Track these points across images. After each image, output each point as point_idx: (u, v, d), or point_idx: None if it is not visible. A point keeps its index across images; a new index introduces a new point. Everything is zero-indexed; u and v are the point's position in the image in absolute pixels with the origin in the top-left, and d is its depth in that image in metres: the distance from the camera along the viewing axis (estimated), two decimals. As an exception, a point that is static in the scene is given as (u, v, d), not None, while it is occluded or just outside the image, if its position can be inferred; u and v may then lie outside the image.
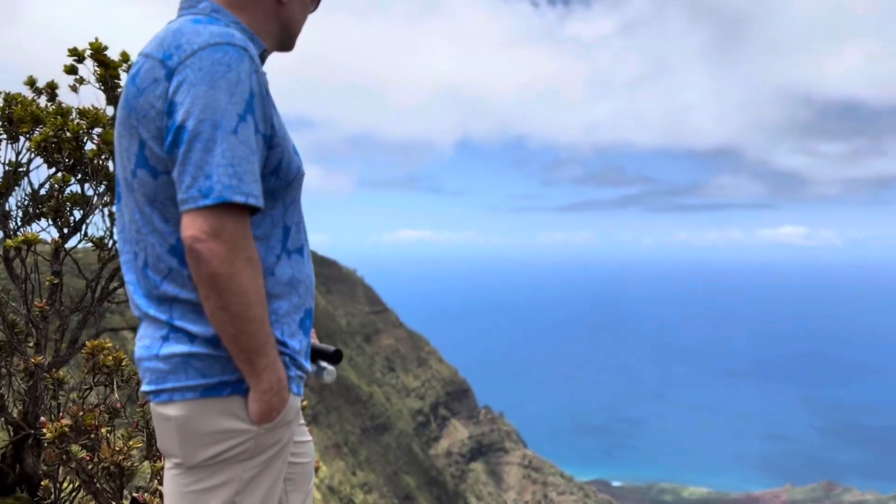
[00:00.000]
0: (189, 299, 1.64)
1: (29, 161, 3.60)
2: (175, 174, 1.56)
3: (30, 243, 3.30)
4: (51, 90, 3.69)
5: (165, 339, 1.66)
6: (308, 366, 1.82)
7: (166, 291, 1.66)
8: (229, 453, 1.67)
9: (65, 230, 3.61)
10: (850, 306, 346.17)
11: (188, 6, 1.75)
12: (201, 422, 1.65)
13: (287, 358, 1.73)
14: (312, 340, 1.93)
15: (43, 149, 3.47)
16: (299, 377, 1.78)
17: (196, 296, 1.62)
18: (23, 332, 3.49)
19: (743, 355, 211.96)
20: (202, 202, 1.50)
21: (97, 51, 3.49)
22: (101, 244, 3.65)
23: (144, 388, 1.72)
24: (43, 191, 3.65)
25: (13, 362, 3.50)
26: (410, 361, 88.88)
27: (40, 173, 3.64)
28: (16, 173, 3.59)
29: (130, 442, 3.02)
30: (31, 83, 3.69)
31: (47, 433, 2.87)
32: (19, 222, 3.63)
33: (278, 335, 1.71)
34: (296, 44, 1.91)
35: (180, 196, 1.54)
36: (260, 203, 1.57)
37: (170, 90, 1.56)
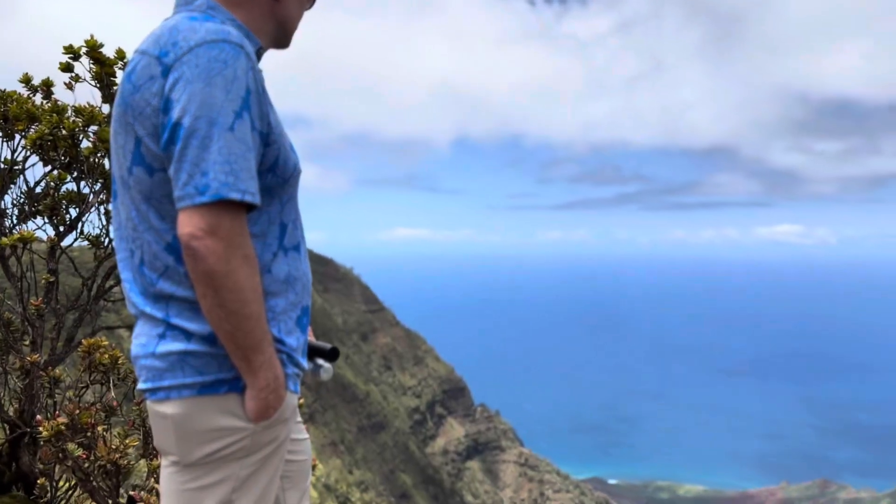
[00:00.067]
0: (185, 297, 1.64)
1: (24, 159, 3.60)
2: (171, 171, 1.55)
3: (26, 241, 3.30)
4: (46, 88, 3.68)
5: (162, 337, 1.66)
6: (305, 363, 1.82)
7: (163, 289, 1.66)
8: (226, 451, 1.67)
9: (61, 228, 3.60)
10: (847, 305, 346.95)
11: (184, 3, 1.75)
12: (198, 419, 1.65)
13: (284, 355, 1.72)
14: (309, 338, 1.93)
15: (38, 146, 3.47)
16: (296, 375, 1.78)
17: (192, 293, 1.62)
18: (19, 331, 3.49)
19: (739, 354, 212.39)
20: (199, 199, 1.50)
21: (93, 48, 3.49)
22: (97, 242, 3.64)
23: (141, 386, 1.71)
24: (39, 189, 3.64)
25: (9, 360, 3.50)
26: (407, 360, 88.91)
27: (36, 171, 3.64)
28: (11, 171, 3.58)
29: (127, 440, 3.02)
30: (27, 81, 3.68)
31: (43, 431, 2.87)
32: (15, 220, 3.62)
33: (275, 333, 1.70)
34: (292, 41, 1.91)
35: (177, 193, 1.53)
36: (257, 200, 1.56)
37: (166, 87, 1.56)
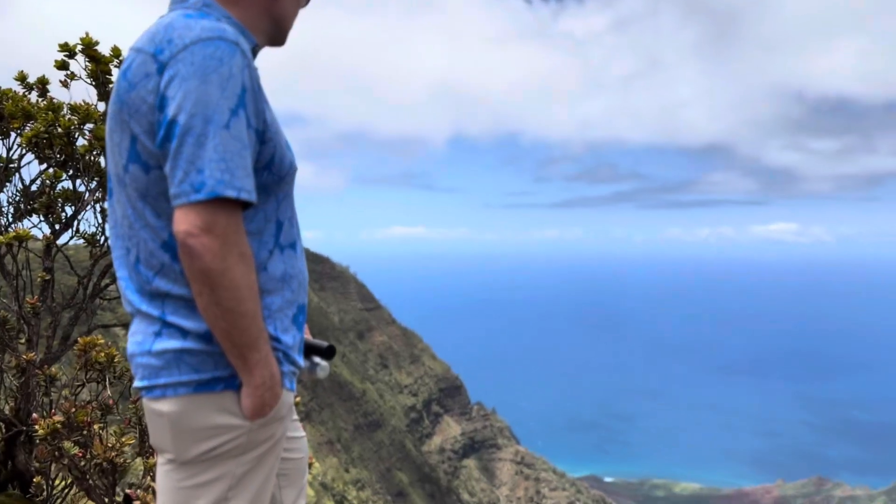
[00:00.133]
0: (181, 295, 1.63)
1: (20, 157, 3.59)
2: (167, 169, 1.55)
3: (21, 239, 3.29)
4: (42, 85, 3.67)
5: (158, 335, 1.65)
6: (301, 361, 1.82)
7: (159, 287, 1.65)
8: (222, 449, 1.67)
9: (56, 226, 3.60)
10: (842, 303, 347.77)
11: (180, 1, 1.75)
12: (194, 417, 1.65)
13: (280, 353, 1.72)
14: (305, 336, 1.93)
15: (34, 144, 3.46)
16: (292, 373, 1.78)
17: (188, 291, 1.62)
18: (14, 329, 3.49)
19: (735, 352, 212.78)
20: (194, 197, 1.50)
21: (88, 46, 3.48)
22: (93, 240, 3.64)
23: (137, 384, 1.71)
24: (34, 187, 3.64)
25: (5, 359, 3.49)
26: (403, 358, 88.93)
27: (31, 169, 3.64)
28: (7, 169, 3.58)
29: (123, 438, 3.01)
30: (22, 78, 3.67)
31: (39, 430, 2.87)
32: (10, 218, 3.62)
33: (271, 330, 1.70)
34: (287, 39, 1.91)
35: (172, 191, 1.53)
36: (253, 198, 1.56)
37: (161, 85, 1.55)
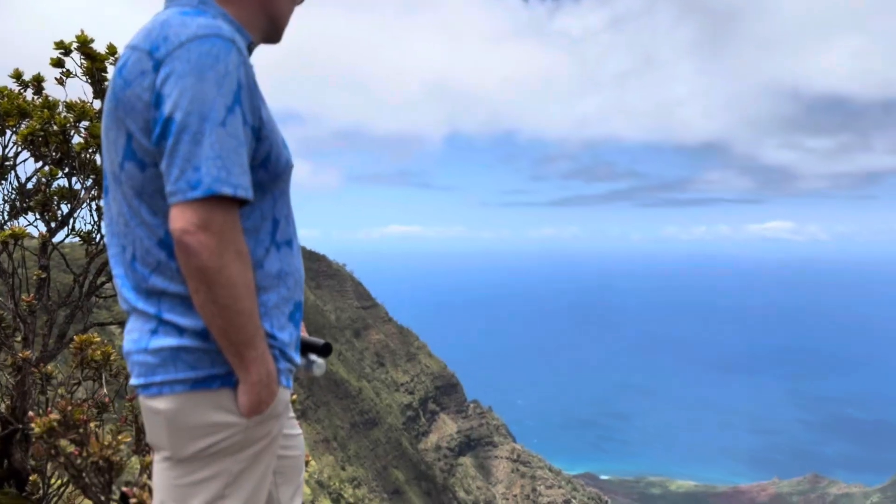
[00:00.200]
0: (178, 292, 1.64)
1: (16, 155, 3.58)
2: (163, 166, 1.55)
3: (17, 237, 3.29)
4: (37, 83, 3.67)
5: (154, 333, 1.66)
6: (297, 358, 1.82)
7: (155, 285, 1.65)
8: (219, 446, 1.67)
9: (52, 224, 3.59)
10: (837, 301, 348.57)
11: (176, -2, 1.74)
12: (191, 415, 1.65)
13: (276, 351, 1.72)
14: (301, 334, 1.93)
15: (30, 142, 3.45)
16: (289, 370, 1.78)
17: (185, 289, 1.62)
18: (10, 327, 3.48)
19: (730, 350, 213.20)
20: (191, 194, 1.50)
21: (84, 43, 3.47)
22: (89, 238, 3.63)
23: (133, 382, 1.71)
24: (30, 184, 3.63)
25: (1, 357, 3.48)
26: (399, 356, 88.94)
27: (27, 167, 3.63)
28: (2, 167, 3.57)
29: (119, 436, 3.01)
30: (18, 76, 3.67)
31: (35, 428, 2.86)
32: (6, 216, 3.61)
33: (267, 328, 1.70)
34: (283, 36, 1.91)
35: (168, 188, 1.53)
36: (249, 195, 1.56)
37: (157, 82, 1.55)
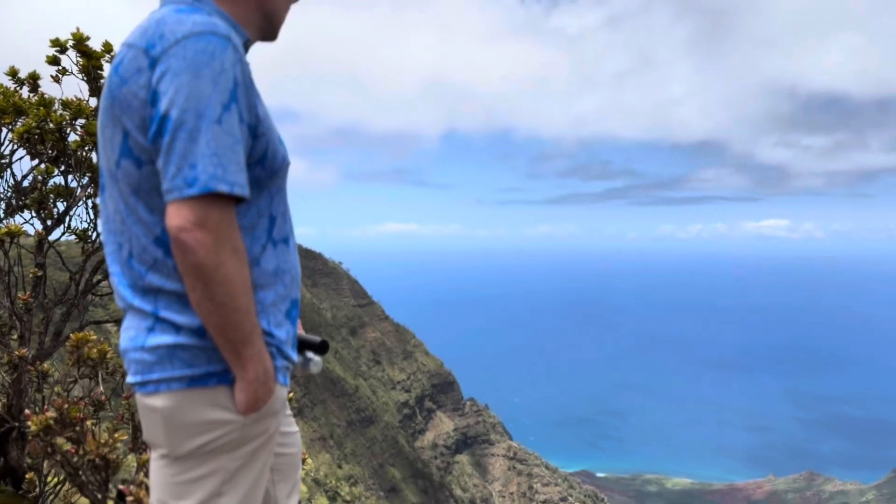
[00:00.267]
0: (174, 290, 1.64)
1: (11, 152, 3.58)
2: (159, 164, 1.55)
3: (13, 235, 3.28)
4: (33, 81, 3.66)
5: (151, 330, 1.66)
6: (294, 356, 1.83)
7: (151, 282, 1.65)
8: (216, 443, 1.67)
9: (48, 222, 3.59)
10: (833, 298, 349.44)
11: (171, -4, 1.74)
12: (188, 412, 1.65)
13: (273, 348, 1.73)
14: (298, 331, 1.93)
15: (26, 140, 3.45)
16: (286, 367, 1.78)
17: (181, 286, 1.62)
18: (6, 325, 3.48)
19: (726, 347, 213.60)
20: (187, 192, 1.50)
21: (79, 41, 3.47)
22: (85, 236, 3.63)
23: (130, 380, 1.71)
24: (26, 182, 3.63)
25: (-4, 355, 3.48)
26: (396, 354, 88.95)
27: (23, 165, 3.62)
28: (-2, 165, 3.56)
29: (116, 434, 3.01)
30: (13, 73, 3.66)
31: (32, 426, 2.86)
32: (2, 214, 3.61)
33: (264, 325, 1.71)
34: (279, 34, 1.91)
35: (165, 186, 1.53)
36: (245, 192, 1.57)
37: (153, 79, 1.55)
